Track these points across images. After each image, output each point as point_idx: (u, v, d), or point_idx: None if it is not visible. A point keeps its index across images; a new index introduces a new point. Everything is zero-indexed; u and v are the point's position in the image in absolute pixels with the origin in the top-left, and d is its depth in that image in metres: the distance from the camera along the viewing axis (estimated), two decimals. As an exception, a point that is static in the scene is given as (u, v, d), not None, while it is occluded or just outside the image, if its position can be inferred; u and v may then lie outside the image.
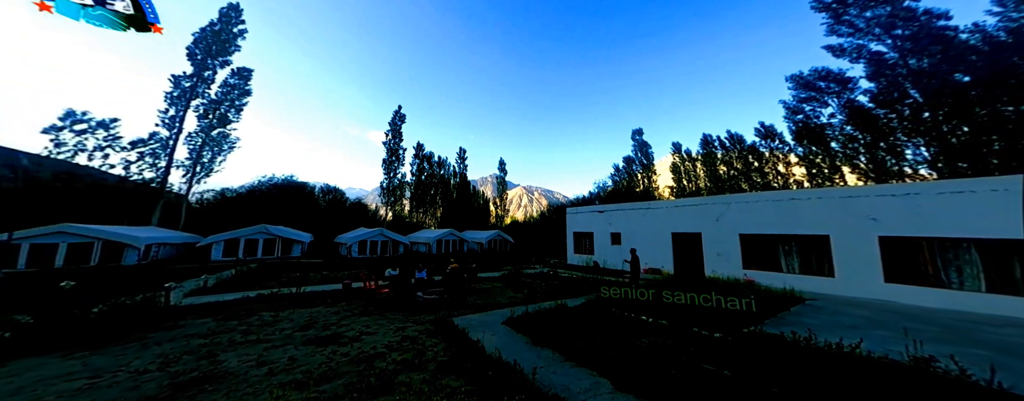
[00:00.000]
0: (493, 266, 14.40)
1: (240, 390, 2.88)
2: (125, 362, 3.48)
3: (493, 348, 3.98)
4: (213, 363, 3.50)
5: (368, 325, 5.24)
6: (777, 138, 26.91)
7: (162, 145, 20.59)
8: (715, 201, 11.28)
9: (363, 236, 20.07)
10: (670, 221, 12.45)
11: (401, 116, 34.56)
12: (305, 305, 6.39)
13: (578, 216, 17.46)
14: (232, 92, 22.96)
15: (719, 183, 30.77)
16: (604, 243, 15.26)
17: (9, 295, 6.14)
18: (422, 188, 35.27)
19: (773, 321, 5.40)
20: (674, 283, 8.73)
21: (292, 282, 8.65)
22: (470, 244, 25.36)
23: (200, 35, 22.04)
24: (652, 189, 35.52)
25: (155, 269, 11.79)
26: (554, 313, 5.59)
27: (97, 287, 6.72)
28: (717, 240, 10.65)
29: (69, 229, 12.32)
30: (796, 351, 3.57)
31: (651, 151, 38.03)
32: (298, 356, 3.83)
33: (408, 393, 2.85)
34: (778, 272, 8.89)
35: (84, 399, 2.66)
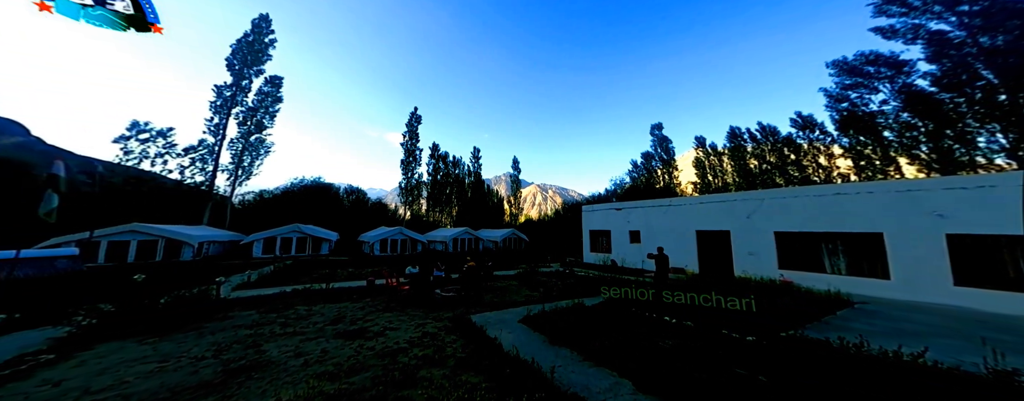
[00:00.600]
0: (508, 264, 14.46)
1: (281, 379, 3.16)
2: (186, 349, 3.94)
3: (510, 346, 4.02)
4: (258, 352, 3.86)
5: (391, 321, 5.51)
6: (817, 128, 24.43)
7: (209, 151, 22.75)
8: (746, 197, 10.58)
9: (384, 235, 21.03)
10: (694, 218, 11.84)
11: (417, 117, 35.57)
12: (334, 300, 6.83)
13: (594, 214, 17.07)
14: (266, 99, 24.80)
15: (749, 178, 28.59)
16: (622, 241, 14.82)
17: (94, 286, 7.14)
18: (438, 188, 36.23)
19: (816, 326, 5.00)
20: (699, 283, 8.30)
21: (322, 278, 9.29)
22: (485, 242, 25.71)
23: (236, 46, 23.90)
24: (673, 185, 33.76)
25: (207, 265, 13.15)
26: (571, 312, 5.56)
27: (161, 280, 7.63)
28: (748, 238, 9.99)
29: (139, 228, 14.02)
30: (845, 358, 3.26)
31: (672, 146, 35.98)
32: (329, 349, 4.12)
33: (430, 388, 2.97)
34: (820, 273, 8.20)
35: (155, 381, 3.05)
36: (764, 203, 9.89)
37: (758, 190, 11.37)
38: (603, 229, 16.12)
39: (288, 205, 27.17)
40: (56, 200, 7.76)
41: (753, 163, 29.25)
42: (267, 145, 24.87)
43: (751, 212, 10.19)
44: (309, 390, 2.88)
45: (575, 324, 4.80)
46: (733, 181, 30.70)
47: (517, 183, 45.07)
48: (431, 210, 35.95)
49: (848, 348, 3.47)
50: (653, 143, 36.91)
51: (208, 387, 2.92)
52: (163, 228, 14.77)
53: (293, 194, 29.33)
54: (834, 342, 3.64)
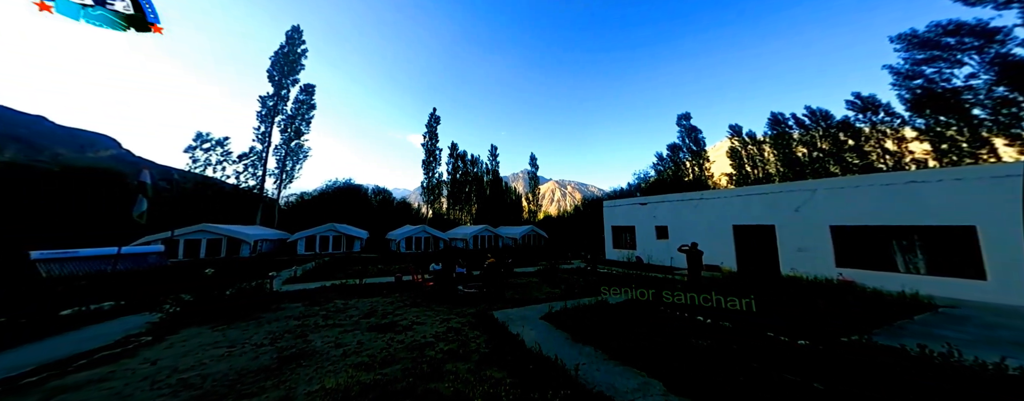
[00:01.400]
0: (528, 261, 14.50)
1: (325, 367, 3.50)
2: (248, 336, 4.51)
3: (533, 342, 4.05)
4: (305, 342, 4.30)
5: (418, 316, 5.81)
6: (881, 110, 21.14)
7: (258, 157, 25.30)
8: (794, 188, 9.58)
9: (409, 233, 22.11)
10: (731, 212, 10.98)
11: (436, 118, 36.57)
12: (367, 295, 7.37)
13: (617, 209, 16.42)
14: (302, 107, 26.84)
15: (796, 167, 25.60)
16: (647, 237, 14.14)
17: (176, 278, 8.44)
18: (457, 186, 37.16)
19: (887, 331, 4.46)
20: (738, 281, 7.68)
21: (355, 274, 10.05)
22: (504, 239, 25.98)
23: (275, 58, 26.02)
24: (705, 178, 31.27)
25: (260, 261, 14.84)
26: (594, 309, 5.48)
27: (226, 275, 8.78)
28: (797, 233, 9.09)
29: (207, 228, 16.10)
30: (927, 369, 2.87)
31: (701, 137, 33.19)
32: (364, 341, 4.47)
33: (456, 381, 3.11)
34: (891, 271, 7.25)
35: (225, 364, 3.55)
36: (817, 194, 8.88)
37: (808, 180, 10.14)
38: (626, 225, 15.47)
39: (324, 206, 29.61)
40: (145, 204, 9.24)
41: (801, 151, 26.10)
42: (305, 150, 27.13)
43: (801, 204, 9.17)
44: (348, 379, 3.17)
45: (599, 322, 4.72)
46: (776, 171, 27.66)
47: (535, 180, 44.77)
48: (451, 208, 37.04)
49: (931, 357, 3.02)
50: (680, 134, 34.37)
51: (267, 372, 3.33)
52: (226, 228, 16.88)
53: (328, 195, 31.88)
54: (912, 350, 3.18)
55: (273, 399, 2.71)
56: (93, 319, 5.38)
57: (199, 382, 3.06)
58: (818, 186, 8.97)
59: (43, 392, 2.84)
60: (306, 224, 22.60)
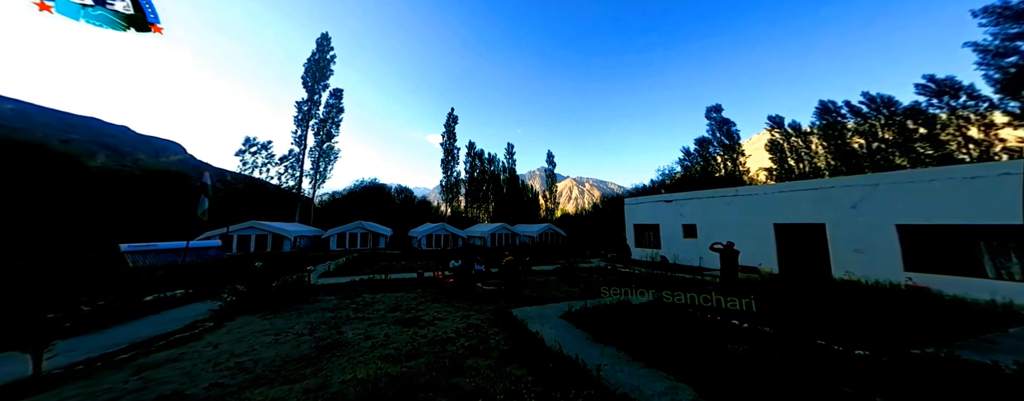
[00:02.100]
0: (546, 259, 14.40)
1: (356, 358, 3.76)
2: (291, 326, 4.97)
3: (552, 341, 4.03)
4: (338, 333, 4.65)
5: (439, 311, 6.02)
6: (963, 93, 17.95)
7: (296, 159, 27.55)
8: (850, 183, 8.61)
9: (429, 231, 22.92)
10: (772, 209, 10.09)
11: (454, 118, 37.24)
12: (392, 290, 7.77)
13: (639, 207, 15.70)
14: (332, 111, 28.59)
15: (852, 160, 22.67)
16: (673, 236, 13.39)
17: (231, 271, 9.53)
18: (475, 185, 37.76)
19: (974, 345, 3.95)
20: (780, 285, 7.05)
21: (381, 270, 10.65)
22: (521, 237, 26.00)
23: (308, 65, 27.87)
24: (739, 173, 28.76)
25: (299, 256, 16.25)
26: (616, 310, 5.35)
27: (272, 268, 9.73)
28: (853, 232, 8.17)
29: (256, 225, 17.96)
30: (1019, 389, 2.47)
31: (735, 129, 30.53)
32: (391, 334, 4.72)
33: (477, 377, 3.18)
34: (978, 277, 6.31)
35: (272, 351, 3.94)
36: (879, 189, 7.87)
37: (868, 174, 8.94)
38: (650, 223, 14.75)
39: (352, 204, 31.65)
40: (206, 203, 10.60)
41: (857, 142, 23.04)
42: (335, 151, 29.08)
43: (859, 200, 8.14)
44: (376, 370, 3.37)
45: (621, 322, 4.59)
46: (826, 165, 24.68)
47: (552, 177, 44.14)
48: (470, 206, 37.75)
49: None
50: (710, 127, 31.79)
51: (306, 360, 3.65)
52: (271, 225, 18.70)
53: (356, 194, 34.00)
54: (1008, 367, 2.74)
55: (312, 386, 2.96)
56: (169, 305, 6.26)
57: (251, 366, 3.43)
58: (880, 181, 7.90)
59: (132, 368, 3.36)
60: (337, 221, 24.35)
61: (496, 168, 40.32)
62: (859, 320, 3.76)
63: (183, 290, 7.25)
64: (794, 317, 4.10)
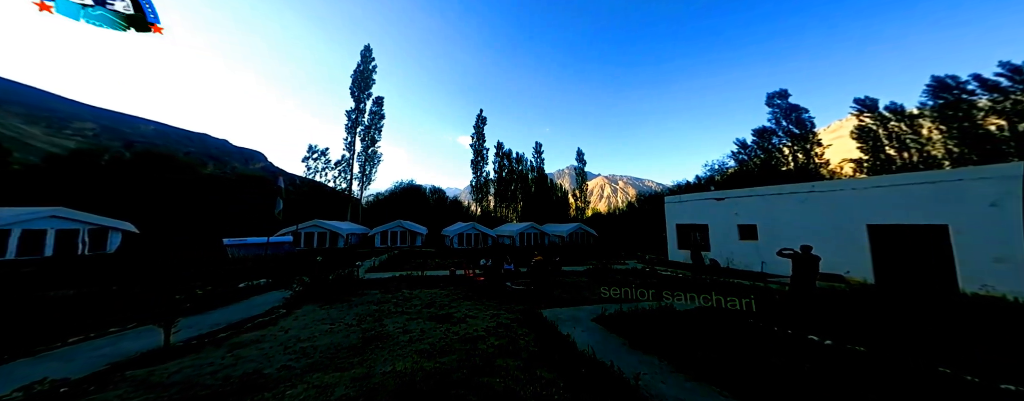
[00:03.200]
0: (576, 260, 13.99)
1: (396, 351, 4.06)
2: (342, 316, 5.60)
3: (585, 345, 3.88)
4: (381, 325, 5.08)
5: (470, 309, 6.20)
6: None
7: (347, 164, 31.01)
8: (988, 173, 6.74)
9: (460, 230, 23.90)
10: (864, 207, 8.44)
11: (482, 119, 38.13)
12: (427, 286, 8.26)
13: (682, 206, 14.22)
14: (374, 118, 31.53)
15: (986, 146, 17.49)
16: (726, 237, 11.88)
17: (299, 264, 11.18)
18: (503, 184, 38.24)
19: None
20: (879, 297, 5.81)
21: (417, 267, 11.40)
22: (551, 237, 25.60)
23: (355, 76, 30.93)
24: (814, 165, 24.19)
25: (350, 251, 18.30)
26: (656, 315, 4.96)
27: (329, 262, 11.12)
28: (992, 236, 6.44)
29: (319, 223, 20.77)
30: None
31: (807, 117, 25.91)
32: (426, 329, 5.00)
33: (507, 378, 3.19)
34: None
35: (328, 339, 4.47)
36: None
37: (1014, 162, 6.68)
38: (696, 223, 13.27)
39: (393, 204, 34.58)
40: (281, 204, 12.79)
41: (994, 123, 17.67)
42: (378, 155, 32.10)
43: (1000, 196, 6.22)
44: (413, 364, 3.59)
45: (663, 329, 4.24)
46: (945, 153, 19.41)
47: (582, 175, 42.54)
48: (498, 206, 38.40)
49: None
50: (773, 115, 27.35)
51: (354, 350, 4.07)
52: (329, 223, 21.44)
53: (396, 195, 37.07)
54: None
55: (358, 375, 3.27)
56: (255, 292, 7.56)
57: (312, 352, 3.94)
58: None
59: (228, 346, 4.11)
60: (380, 220, 26.84)
61: (524, 167, 40.27)
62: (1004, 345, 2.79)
63: (265, 279, 8.71)
64: (901, 335, 3.23)
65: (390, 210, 32.40)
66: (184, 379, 3.10)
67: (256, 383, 3.03)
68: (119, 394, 2.78)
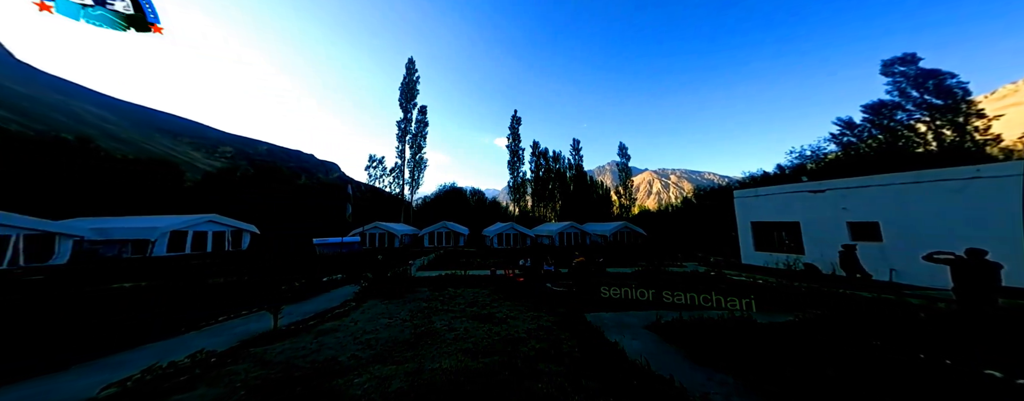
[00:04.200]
0: (622, 261, 13.03)
1: (443, 348, 4.32)
2: (398, 311, 6.24)
3: (637, 355, 3.58)
4: (429, 323, 5.49)
5: (511, 310, 6.26)
6: None
7: (399, 170, 34.76)
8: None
9: (500, 230, 24.47)
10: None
11: (518, 119, 38.40)
12: (470, 286, 8.64)
13: (760, 200, 11.92)
14: (420, 126, 34.58)
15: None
16: (829, 238, 9.58)
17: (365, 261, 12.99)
18: (541, 184, 37.86)
19: None
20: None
21: (461, 266, 12.04)
22: (592, 237, 24.33)
23: (402, 88, 34.34)
24: (972, 144, 17.60)
25: (403, 251, 20.42)
26: (729, 326, 4.28)
27: (388, 260, 12.59)
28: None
29: (379, 225, 23.84)
30: None
31: (953, 83, 19.02)
32: (469, 328, 5.21)
33: (550, 385, 3.10)
34: None
35: (387, 333, 5.02)
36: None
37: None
38: (782, 220, 10.95)
39: (438, 207, 37.46)
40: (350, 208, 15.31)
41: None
42: (425, 161, 35.16)
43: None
44: (458, 363, 3.75)
45: (740, 344, 3.63)
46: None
47: (626, 171, 39.36)
48: (536, 205, 38.17)
49: None
50: (896, 86, 20.79)
51: (407, 344, 4.47)
52: (387, 225, 24.37)
53: (440, 198, 40.08)
54: None
55: (410, 370, 3.57)
56: (334, 285, 9.02)
57: (374, 344, 4.47)
58: None
59: (314, 332, 4.97)
60: (428, 222, 29.33)
61: (561, 165, 39.21)
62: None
63: (341, 275, 10.34)
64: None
65: (435, 212, 35.22)
66: (285, 359, 3.85)
67: (333, 369, 3.57)
68: (244, 367, 3.60)
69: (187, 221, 16.15)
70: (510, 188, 37.96)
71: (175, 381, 3.18)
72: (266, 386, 3.13)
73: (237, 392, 3.01)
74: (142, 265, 11.81)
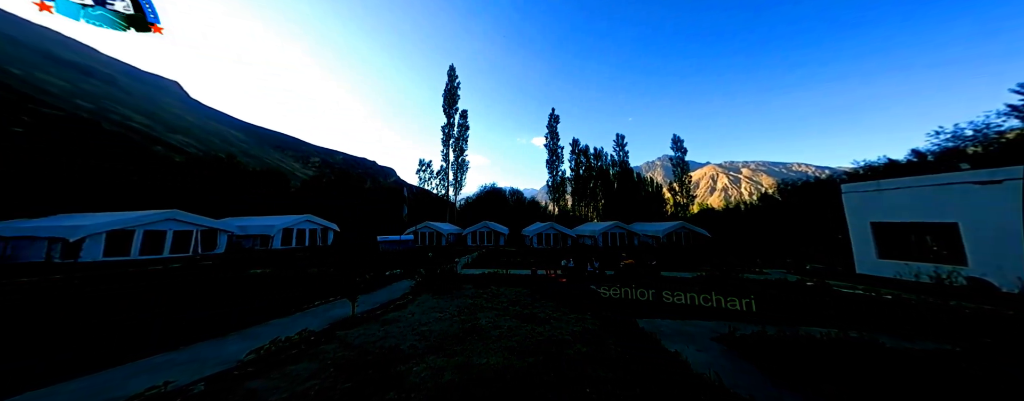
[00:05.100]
0: (678, 264, 11.78)
1: (488, 345, 4.50)
2: (447, 306, 6.74)
3: (706, 369, 3.22)
4: (475, 319, 5.78)
5: (553, 310, 6.20)
6: None
7: (444, 173, 37.47)
8: None
9: (539, 230, 24.29)
10: None
11: (555, 118, 37.61)
12: (511, 285, 8.81)
13: (886, 195, 9.35)
14: (462, 130, 36.71)
15: None
16: (1011, 244, 6.83)
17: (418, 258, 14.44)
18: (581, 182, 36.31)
19: None
20: None
21: (502, 265, 12.34)
22: (641, 238, 22.27)
23: (445, 94, 36.75)
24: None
25: (449, 249, 21.96)
26: (837, 347, 3.49)
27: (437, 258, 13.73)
28: None
29: (429, 225, 26.17)
30: None
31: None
32: (513, 327, 5.32)
33: (599, 392, 2.97)
34: None
35: (438, 326, 5.48)
36: None
37: None
38: (927, 221, 8.34)
39: (479, 207, 39.19)
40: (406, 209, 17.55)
41: None
42: (466, 163, 37.31)
43: None
44: (504, 361, 3.85)
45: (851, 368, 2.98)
46: None
47: (681, 166, 34.96)
48: (577, 205, 36.76)
49: None
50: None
51: (456, 338, 4.79)
52: (435, 225, 26.58)
53: (481, 198, 41.90)
54: None
55: (459, 363, 3.82)
56: (395, 279, 10.24)
57: (429, 335, 4.93)
58: None
59: (380, 321, 5.74)
60: (470, 221, 30.96)
61: (603, 162, 36.95)
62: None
63: (400, 270, 11.71)
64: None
65: (476, 212, 36.97)
66: (361, 343, 4.54)
67: (396, 356, 4.07)
68: (333, 347, 4.39)
69: (293, 220, 20.63)
70: (549, 187, 37.36)
71: (288, 354, 4.07)
72: (348, 365, 3.75)
73: (328, 368, 3.68)
74: (266, 255, 15.44)
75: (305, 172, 68.34)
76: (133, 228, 13.09)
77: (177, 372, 3.60)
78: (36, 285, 7.53)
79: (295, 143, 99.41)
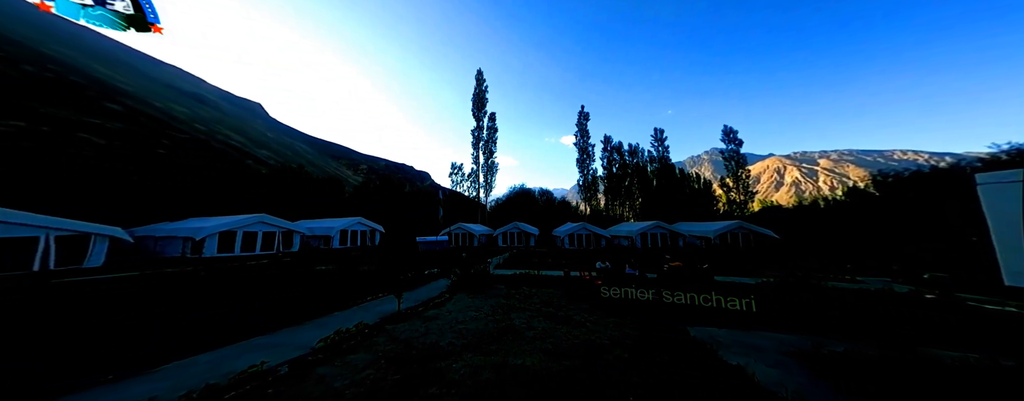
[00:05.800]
0: (738, 269, 10.53)
1: (523, 346, 4.53)
2: (482, 306, 6.95)
3: (778, 386, 2.94)
4: (509, 319, 5.85)
5: (588, 313, 6.02)
6: None
7: (475, 176, 39.03)
8: None
9: (571, 230, 23.59)
10: None
11: (585, 115, 36.33)
12: (543, 286, 8.74)
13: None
14: (491, 132, 37.55)
15: None
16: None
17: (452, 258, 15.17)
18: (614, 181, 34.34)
19: None
20: None
21: (534, 266, 12.27)
22: (687, 238, 20.19)
23: (473, 98, 37.92)
24: None
25: (481, 250, 22.60)
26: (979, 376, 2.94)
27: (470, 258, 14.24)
28: None
29: (461, 226, 27.29)
30: None
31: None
32: (547, 328, 5.27)
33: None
34: None
35: (474, 325, 5.68)
36: None
37: None
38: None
39: (509, 208, 39.59)
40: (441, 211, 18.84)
41: None
42: (496, 165, 38.11)
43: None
44: (540, 362, 3.83)
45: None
46: None
47: (736, 159, 30.93)
48: (610, 204, 34.86)
49: None
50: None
51: (491, 337, 4.91)
52: (467, 226, 27.62)
53: (511, 199, 42.31)
54: None
55: (496, 362, 3.91)
56: (433, 278, 10.91)
57: (466, 334, 5.14)
58: None
59: (422, 318, 6.16)
60: (500, 222, 31.46)
61: (640, 159, 34.40)
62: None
63: (437, 269, 12.45)
64: None
65: (506, 213, 37.39)
66: (406, 338, 4.94)
67: (436, 352, 4.33)
68: (383, 340, 4.86)
69: (348, 223, 23.45)
70: (580, 186, 36.11)
71: (348, 343, 4.62)
72: (396, 358, 4.11)
73: (380, 360, 4.08)
74: (328, 254, 17.79)
75: (355, 178, 76.49)
76: (235, 229, 16.24)
77: (269, 353, 4.34)
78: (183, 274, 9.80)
79: (346, 152, 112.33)
